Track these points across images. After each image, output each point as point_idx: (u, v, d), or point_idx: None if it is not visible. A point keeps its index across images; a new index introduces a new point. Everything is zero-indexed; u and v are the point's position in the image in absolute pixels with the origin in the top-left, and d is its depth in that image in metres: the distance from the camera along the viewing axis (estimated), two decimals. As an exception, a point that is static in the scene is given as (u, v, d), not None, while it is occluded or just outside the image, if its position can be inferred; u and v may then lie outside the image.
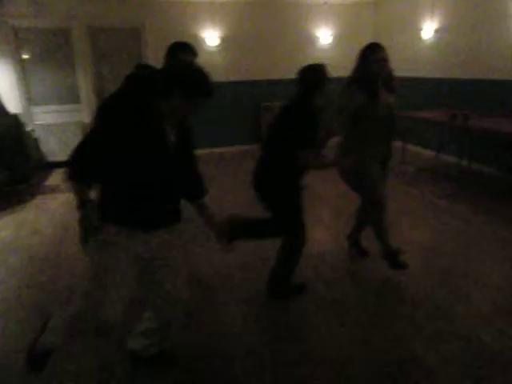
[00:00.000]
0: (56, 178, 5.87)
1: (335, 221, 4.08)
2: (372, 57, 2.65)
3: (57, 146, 6.37)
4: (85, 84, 6.43)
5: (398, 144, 5.59)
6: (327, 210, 4.39)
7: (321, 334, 2.41)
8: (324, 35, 7.30)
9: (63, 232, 3.91)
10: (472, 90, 5.57)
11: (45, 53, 6.20)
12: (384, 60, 2.67)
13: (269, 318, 2.61)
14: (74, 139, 6.39)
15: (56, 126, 6.34)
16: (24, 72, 6.16)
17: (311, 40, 7.32)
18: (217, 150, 7.17)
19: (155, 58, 6.42)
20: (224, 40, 6.82)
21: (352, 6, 7.34)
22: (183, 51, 2.77)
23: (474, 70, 5.48)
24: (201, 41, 6.71)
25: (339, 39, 7.39)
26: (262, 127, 7.25)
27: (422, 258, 3.26)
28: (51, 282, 3.02)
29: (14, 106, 5.90)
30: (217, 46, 6.82)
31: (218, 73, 6.90)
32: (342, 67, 7.19)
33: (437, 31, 6.10)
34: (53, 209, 4.59)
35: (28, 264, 3.33)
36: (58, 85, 6.40)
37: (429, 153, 6.48)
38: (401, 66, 6.69)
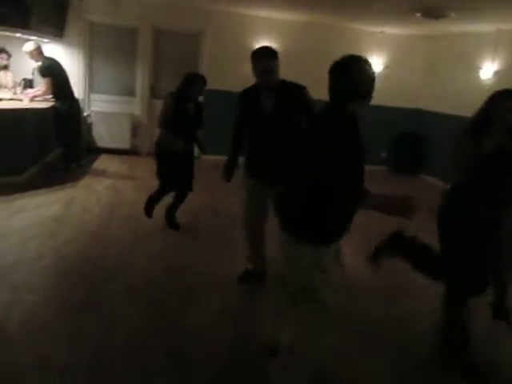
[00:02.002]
0: (102, 162, 6.24)
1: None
2: (504, 104, 2.36)
3: (106, 133, 6.77)
4: (142, 80, 6.83)
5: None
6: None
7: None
8: (375, 63, 7.46)
9: (109, 214, 4.19)
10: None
11: (112, 47, 6.68)
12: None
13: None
14: (122, 129, 6.80)
15: (109, 115, 6.74)
16: (91, 61, 6.65)
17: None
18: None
19: (210, 63, 6.77)
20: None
21: (406, 37, 7.48)
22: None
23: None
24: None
25: (390, 69, 7.53)
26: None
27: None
28: (99, 257, 3.29)
29: (76, 91, 6.35)
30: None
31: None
32: (390, 97, 7.47)
33: (496, 73, 6.16)
34: (100, 190, 4.91)
35: (79, 237, 3.62)
36: (119, 77, 6.84)
37: None
38: (453, 103, 6.82)
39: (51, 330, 2.35)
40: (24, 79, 5.76)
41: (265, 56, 2.59)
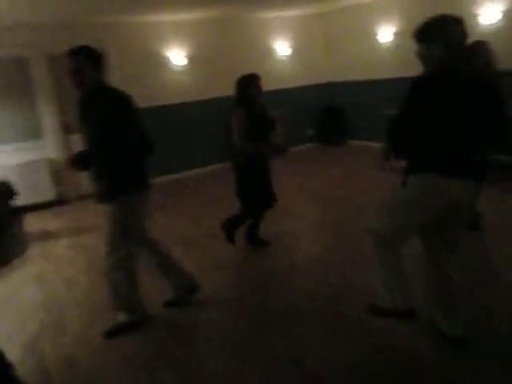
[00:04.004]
0: (34, 222, 5.22)
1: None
2: None
3: (23, 188, 5.66)
4: (49, 117, 5.85)
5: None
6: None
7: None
8: (282, 47, 7.57)
9: (99, 276, 3.51)
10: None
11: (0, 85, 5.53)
12: None
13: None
14: (41, 179, 5.78)
15: (21, 167, 5.64)
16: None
17: (270, 52, 7.53)
18: (190, 173, 6.95)
19: (120, 79, 6.09)
20: (191, 59, 6.71)
21: (305, 17, 7.72)
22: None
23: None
24: (166, 60, 6.54)
25: (295, 51, 7.71)
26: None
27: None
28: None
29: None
30: (184, 66, 6.69)
31: (188, 92, 6.77)
32: (299, 77, 7.71)
33: (396, 34, 6.70)
34: (63, 254, 4.10)
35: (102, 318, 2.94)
36: (18, 120, 5.73)
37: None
38: (359, 70, 7.32)
39: None
40: None
41: (68, 55, 2.46)
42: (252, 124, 3.28)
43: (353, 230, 3.94)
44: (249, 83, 3.31)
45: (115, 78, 6.06)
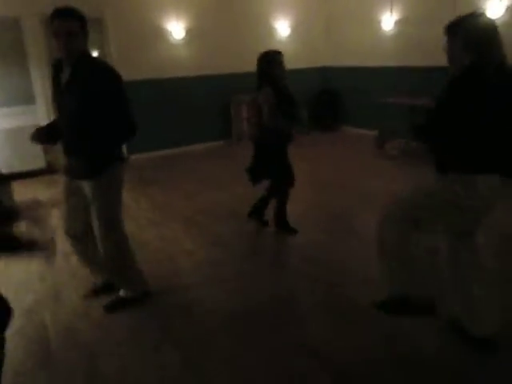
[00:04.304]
0: (24, 191, 5.08)
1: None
2: None
3: (12, 154, 5.51)
4: (40, 82, 5.64)
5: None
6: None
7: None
8: (282, 26, 7.44)
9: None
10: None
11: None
12: None
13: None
14: (32, 146, 5.59)
15: (12, 132, 5.46)
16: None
17: (270, 31, 7.40)
18: (187, 149, 6.90)
19: (117, 50, 5.92)
20: (189, 32, 6.54)
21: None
22: None
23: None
24: (166, 33, 6.36)
25: (296, 31, 7.60)
26: (233, 122, 7.17)
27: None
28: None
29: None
30: (182, 39, 6.51)
31: (184, 67, 6.62)
32: (297, 59, 7.61)
33: (397, 23, 6.66)
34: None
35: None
36: (9, 84, 5.52)
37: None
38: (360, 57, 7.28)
39: None
40: None
41: (58, 16, 2.17)
42: (279, 102, 3.22)
43: (353, 215, 4.01)
44: (272, 61, 3.25)
45: (112, 48, 5.94)
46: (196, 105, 6.84)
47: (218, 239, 3.62)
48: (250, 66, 7.04)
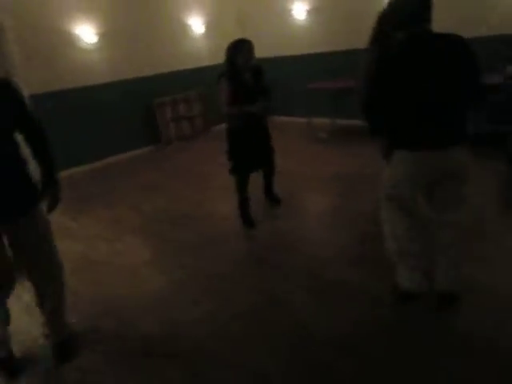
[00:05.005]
0: None
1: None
2: None
3: None
4: None
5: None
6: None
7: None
8: (196, 24, 7.35)
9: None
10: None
11: None
12: None
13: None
14: None
15: None
16: None
17: (185, 29, 7.26)
18: (110, 160, 6.46)
19: (26, 57, 5.36)
20: (102, 36, 6.15)
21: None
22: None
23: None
24: (76, 38, 5.91)
25: (210, 27, 7.55)
26: (159, 125, 6.93)
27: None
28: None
29: None
30: (95, 44, 6.11)
31: (99, 73, 6.20)
32: (214, 55, 7.54)
33: (309, 12, 6.91)
34: None
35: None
36: None
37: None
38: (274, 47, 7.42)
39: None
40: None
41: None
42: (236, 91, 3.25)
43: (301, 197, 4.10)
44: (235, 51, 3.23)
45: (15, 59, 5.35)
46: (117, 112, 6.46)
47: (182, 245, 3.47)
48: (169, 66, 7.04)
